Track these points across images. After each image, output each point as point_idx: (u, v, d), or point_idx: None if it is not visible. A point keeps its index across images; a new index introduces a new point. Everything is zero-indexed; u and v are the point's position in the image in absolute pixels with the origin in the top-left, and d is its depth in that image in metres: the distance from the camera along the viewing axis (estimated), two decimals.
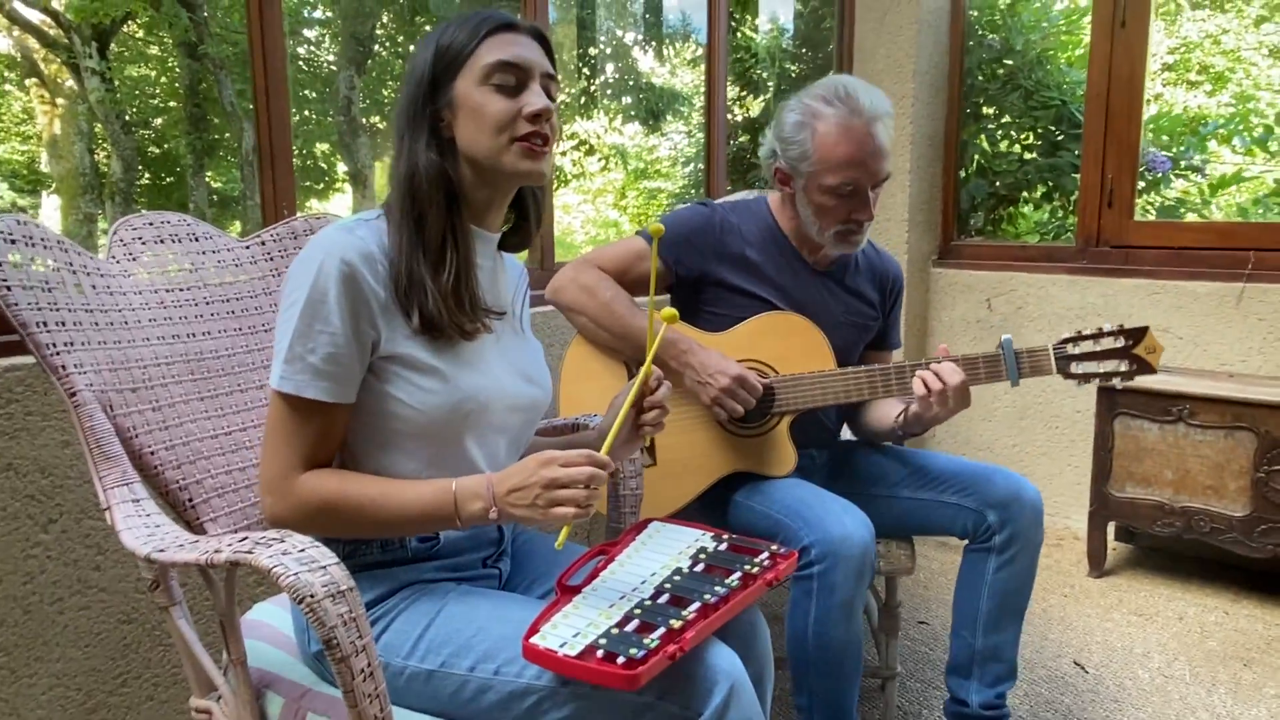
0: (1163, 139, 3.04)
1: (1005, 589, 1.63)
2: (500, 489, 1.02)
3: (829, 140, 1.56)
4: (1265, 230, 2.64)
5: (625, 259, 1.70)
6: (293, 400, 1.03)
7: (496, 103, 1.06)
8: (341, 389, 1.04)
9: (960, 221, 3.25)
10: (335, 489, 1.04)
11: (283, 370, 1.03)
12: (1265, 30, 6.36)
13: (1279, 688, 1.98)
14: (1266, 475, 2.27)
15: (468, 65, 1.07)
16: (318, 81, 7.95)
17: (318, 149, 8.23)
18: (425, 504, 1.04)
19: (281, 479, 1.04)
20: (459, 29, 1.08)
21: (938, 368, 1.52)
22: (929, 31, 3.00)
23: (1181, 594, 2.47)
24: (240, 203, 7.26)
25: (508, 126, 1.07)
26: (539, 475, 1.00)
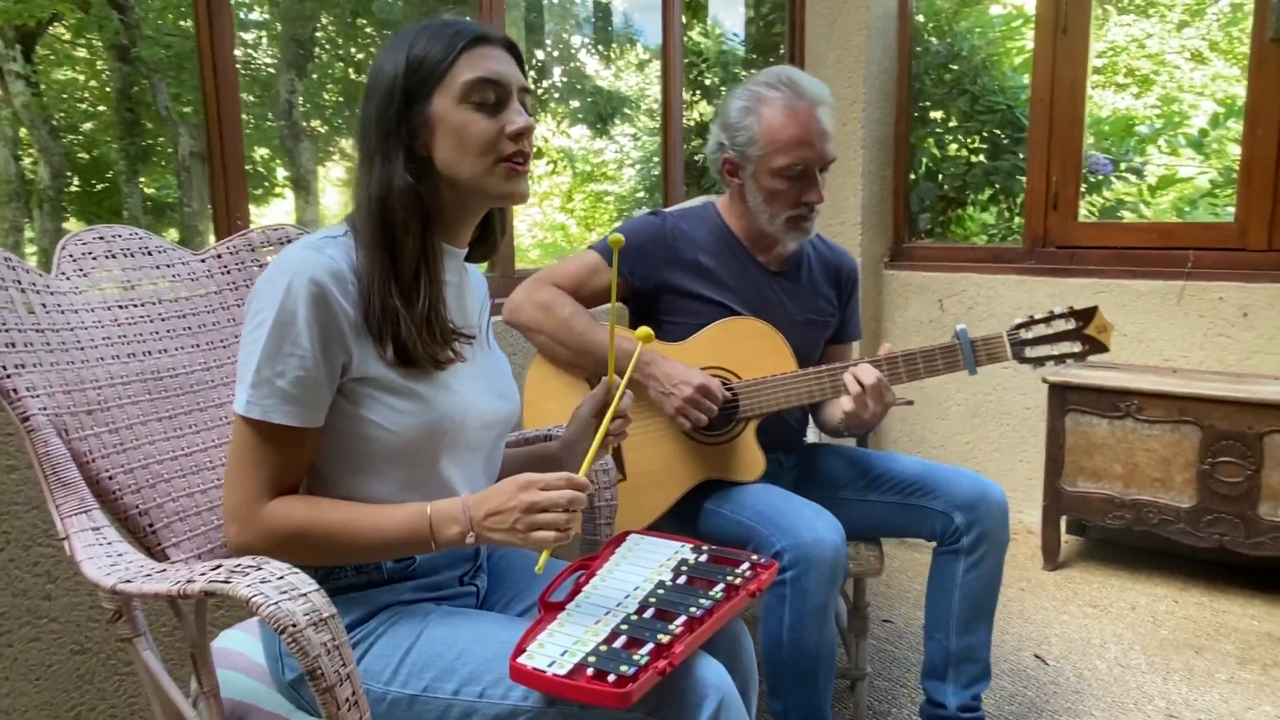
0: (1103, 142, 3.13)
1: (976, 590, 1.65)
2: (477, 513, 1.00)
3: (776, 122, 1.59)
4: (1203, 230, 2.74)
5: (580, 274, 1.69)
6: (260, 425, 0.99)
7: (479, 123, 1.04)
8: (311, 413, 1.01)
9: (910, 224, 3.31)
10: (305, 516, 1.00)
11: (249, 395, 0.99)
12: (1186, 34, 6.59)
13: (1230, 673, 2.05)
14: (1211, 467, 2.35)
15: (445, 82, 1.03)
16: (256, 85, 7.75)
17: (257, 154, 8.03)
18: (399, 530, 1.01)
19: (248, 507, 1.00)
20: (431, 41, 1.04)
21: (855, 369, 1.54)
22: (877, 37, 3.05)
23: (1132, 584, 2.54)
24: (176, 209, 7.05)
25: (492, 148, 1.04)
26: (518, 499, 0.98)
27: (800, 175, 1.61)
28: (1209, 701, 1.94)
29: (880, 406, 1.52)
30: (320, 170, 6.33)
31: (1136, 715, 1.90)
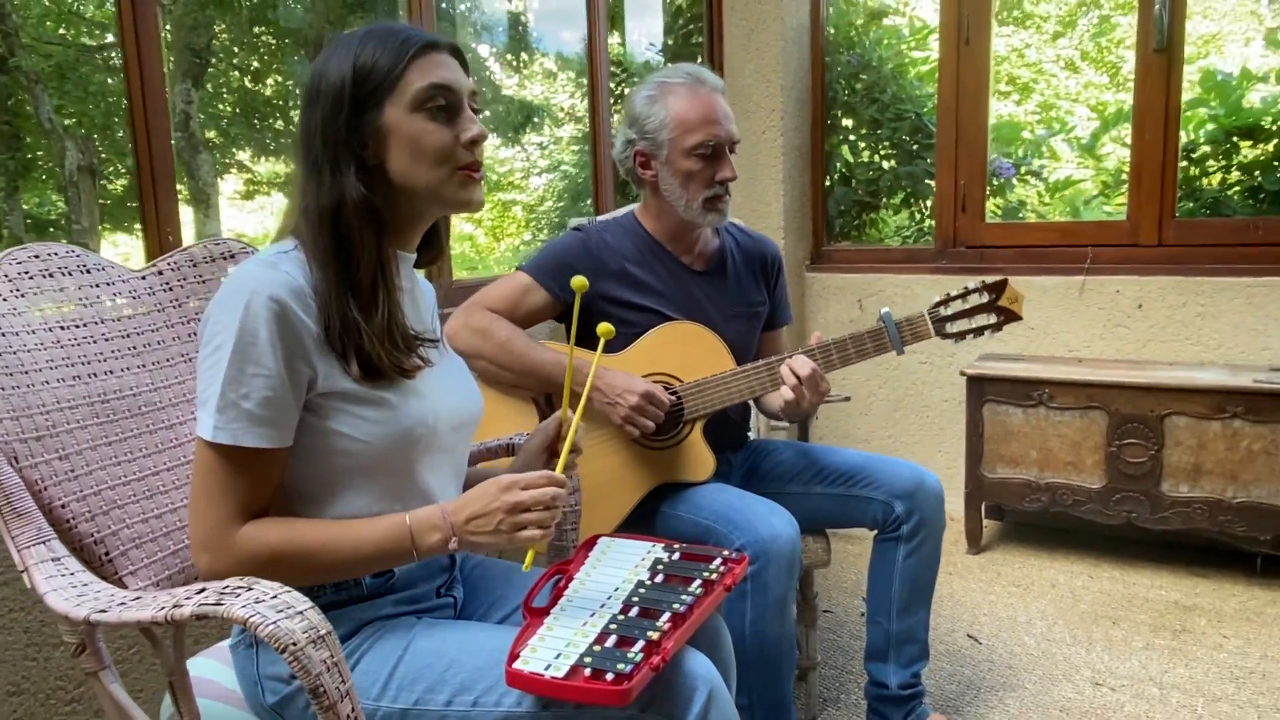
0: (1004, 147, 3.30)
1: (915, 575, 1.73)
2: (458, 518, 1.00)
3: (683, 105, 1.67)
4: (1099, 228, 2.93)
5: (513, 295, 1.71)
6: (228, 450, 0.97)
7: (435, 132, 1.03)
8: (280, 433, 0.99)
9: (829, 227, 3.43)
10: (281, 538, 0.98)
11: (216, 420, 0.96)
12: (1060, 45, 6.99)
13: (1145, 640, 2.20)
14: (1118, 449, 2.51)
15: (397, 90, 1.02)
16: None
17: None
18: (379, 542, 1.00)
19: (219, 535, 0.97)
20: (379, 48, 1.02)
21: (790, 361, 1.60)
22: (793, 48, 3.15)
23: (1050, 563, 2.69)
24: (63, 227, 6.68)
25: (449, 157, 1.04)
26: (501, 500, 0.99)
27: (712, 153, 1.68)
28: (1130, 668, 2.08)
29: (816, 395, 1.59)
30: (220, 183, 6.09)
31: (1066, 685, 2.01)
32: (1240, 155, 2.87)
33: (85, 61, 6.54)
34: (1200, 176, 2.91)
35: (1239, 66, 2.93)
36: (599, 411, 1.62)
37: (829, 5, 3.29)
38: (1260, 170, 2.83)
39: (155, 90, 1.64)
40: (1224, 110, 2.85)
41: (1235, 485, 2.39)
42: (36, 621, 1.46)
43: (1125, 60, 7.18)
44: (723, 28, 3.17)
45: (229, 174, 7.53)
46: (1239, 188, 2.88)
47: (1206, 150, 2.89)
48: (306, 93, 1.05)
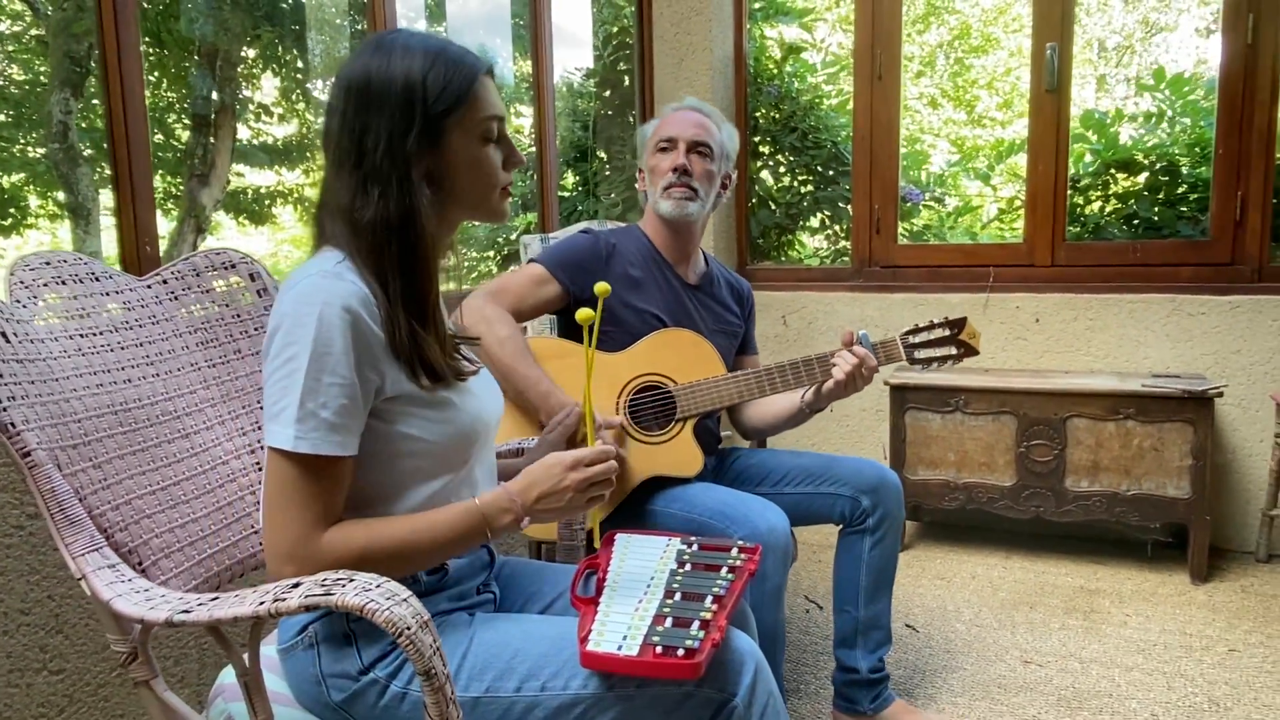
0: (910, 174, 3.56)
1: (879, 564, 1.87)
2: (527, 497, 1.07)
3: (661, 119, 1.90)
4: (1000, 250, 3.20)
5: (526, 285, 1.78)
6: (308, 460, 0.98)
7: (493, 157, 1.10)
8: (354, 440, 1.02)
9: (752, 247, 3.59)
10: (366, 539, 1.00)
11: (296, 430, 0.97)
12: (923, 83, 7.52)
13: (1061, 622, 2.42)
14: (1027, 449, 2.76)
15: (467, 117, 1.06)
16: (6, 104, 6.90)
17: (6, 180, 7.12)
18: (457, 529, 1.04)
19: (304, 545, 0.98)
20: (450, 70, 1.05)
21: (856, 350, 1.72)
22: (720, 77, 3.31)
23: (968, 557, 2.91)
24: None
25: (498, 179, 1.11)
26: (569, 479, 1.08)
27: (666, 148, 1.85)
28: (1051, 646, 2.28)
29: (864, 384, 1.73)
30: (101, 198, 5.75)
31: (999, 664, 2.20)
32: (1116, 185, 3.20)
33: None
34: (1084, 204, 3.23)
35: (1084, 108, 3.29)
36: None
37: (749, 38, 3.48)
38: (1134, 200, 3.17)
39: (135, 98, 1.61)
40: (1102, 145, 3.18)
41: (1129, 479, 2.67)
42: (19, 646, 1.39)
43: (980, 99, 7.81)
44: (653, 56, 3.30)
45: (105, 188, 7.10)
46: (1115, 215, 3.21)
47: (1088, 180, 3.21)
48: (358, 97, 1.03)
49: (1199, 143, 3.08)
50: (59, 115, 5.85)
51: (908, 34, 3.24)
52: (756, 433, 1.99)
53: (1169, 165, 3.12)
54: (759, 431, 1.99)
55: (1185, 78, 3.17)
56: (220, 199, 4.51)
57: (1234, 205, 2.85)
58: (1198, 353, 2.87)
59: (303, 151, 5.11)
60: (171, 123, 4.43)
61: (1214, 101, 2.90)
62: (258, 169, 4.93)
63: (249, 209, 4.95)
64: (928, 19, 6.73)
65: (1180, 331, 2.88)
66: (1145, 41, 6.91)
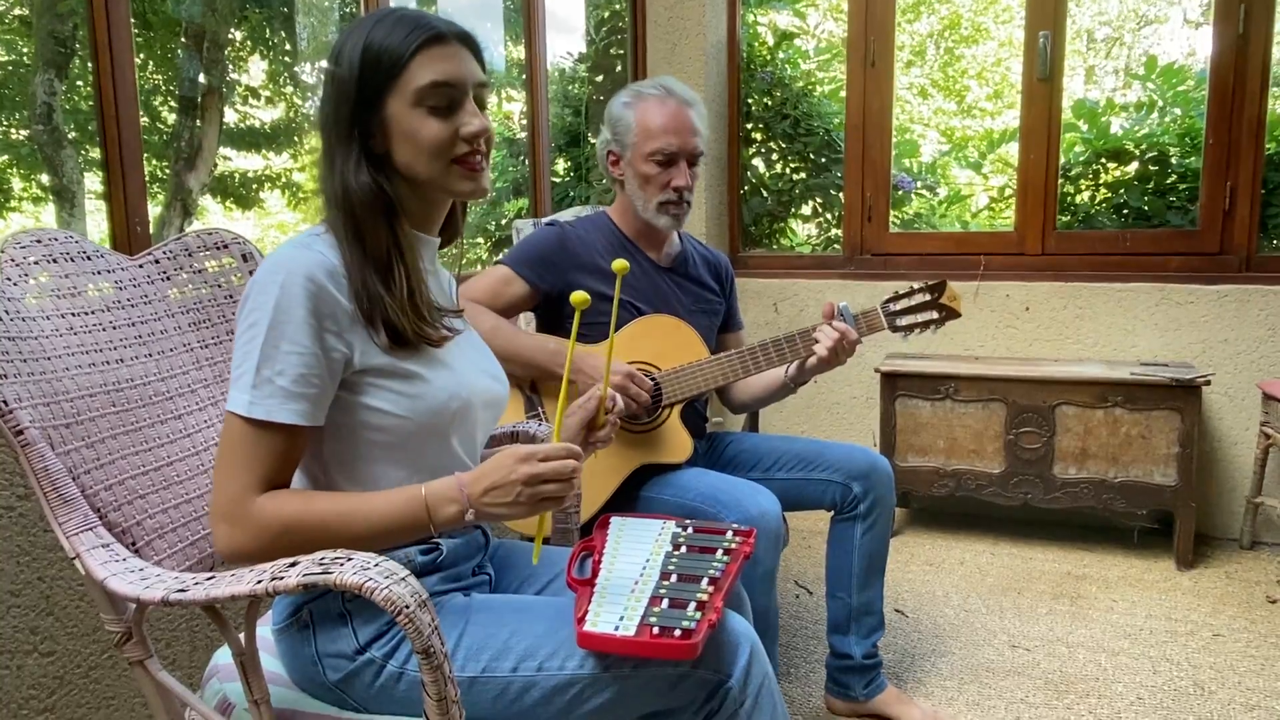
0: (901, 162, 3.57)
1: (871, 550, 1.88)
2: (475, 489, 1.00)
3: (649, 113, 1.79)
4: (990, 238, 3.21)
5: (494, 286, 1.77)
6: (260, 425, 0.98)
7: (431, 127, 1.05)
8: (314, 410, 1.01)
9: (744, 235, 3.59)
10: (297, 508, 0.98)
11: (251, 395, 0.97)
12: (913, 73, 7.53)
13: (1048, 607, 2.45)
14: (1015, 437, 2.78)
15: (399, 84, 1.04)
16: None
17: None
18: (395, 515, 1.00)
19: (236, 504, 0.97)
20: (388, 36, 1.03)
21: (837, 325, 1.73)
22: (713, 64, 3.30)
23: (956, 543, 2.93)
24: None
25: (446, 151, 1.06)
26: (519, 472, 0.99)
27: (668, 161, 1.78)
28: (1039, 631, 2.30)
29: (846, 356, 1.74)
30: (87, 180, 5.69)
31: (988, 649, 2.22)
32: (1107, 175, 3.22)
33: None
34: (1075, 193, 3.24)
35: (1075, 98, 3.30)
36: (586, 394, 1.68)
37: (743, 24, 3.47)
38: (1124, 189, 3.18)
39: (125, 78, 1.59)
40: (1093, 134, 3.19)
41: (1116, 466, 2.69)
42: (9, 628, 1.39)
43: (970, 89, 7.82)
44: (646, 41, 3.28)
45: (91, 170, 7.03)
46: (1106, 204, 3.23)
47: (1079, 170, 3.22)
48: (325, 76, 1.07)
49: (1189, 133, 3.10)
50: (43, 97, 5.78)
51: (898, 23, 3.23)
52: (743, 407, 2.00)
53: (1159, 155, 3.13)
54: (745, 406, 1.99)
55: (1176, 68, 3.18)
56: (207, 183, 4.46)
57: (1223, 195, 2.86)
58: (1186, 341, 2.89)
59: (290, 135, 5.06)
60: (158, 105, 4.37)
61: (1204, 92, 2.91)
62: (245, 153, 4.88)
63: (236, 193, 4.90)
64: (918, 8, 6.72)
65: (1168, 320, 2.90)
66: (1135, 33, 6.94)
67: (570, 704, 1.04)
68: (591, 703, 1.05)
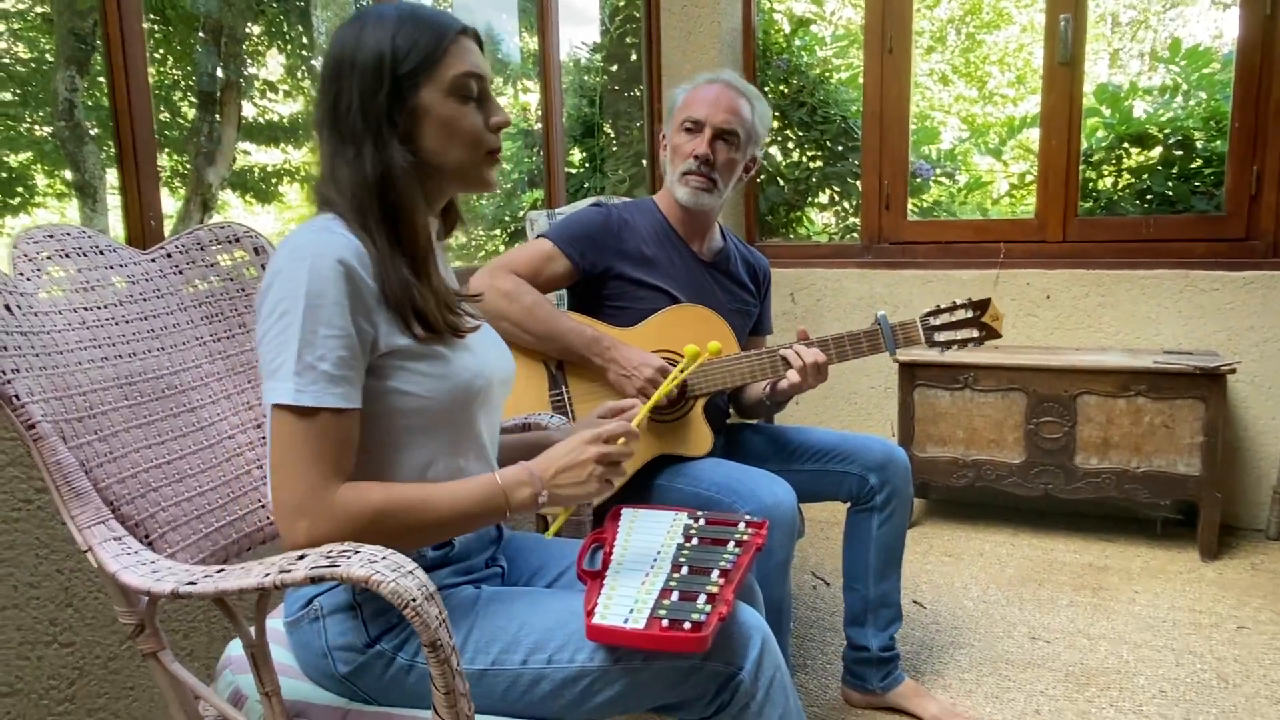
0: (920, 150, 3.53)
1: (888, 542, 1.86)
2: (546, 472, 1.06)
3: (693, 90, 1.82)
4: (1011, 225, 3.17)
5: (536, 261, 1.75)
6: (312, 413, 0.97)
7: (470, 116, 1.08)
8: (356, 393, 1.01)
9: (760, 224, 3.57)
10: (382, 497, 0.99)
11: (296, 384, 0.96)
12: (934, 59, 7.45)
13: (1069, 599, 2.42)
14: (1036, 426, 2.74)
15: (436, 74, 1.06)
16: (13, 82, 6.86)
17: (13, 159, 7.08)
18: (475, 500, 1.03)
19: (315, 498, 0.96)
20: (417, 31, 1.05)
21: (799, 349, 1.70)
22: (728, 50, 3.28)
23: (975, 534, 2.91)
24: None
25: (480, 140, 1.09)
26: (589, 451, 1.06)
27: (694, 130, 1.78)
28: (1059, 622, 2.28)
29: (818, 381, 1.69)
30: (109, 175, 5.75)
31: (1007, 640, 2.20)
32: (1130, 160, 3.16)
33: None
34: (1097, 179, 3.19)
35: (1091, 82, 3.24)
36: (613, 383, 1.68)
37: (758, 11, 3.44)
38: (1147, 174, 3.13)
39: (138, 73, 1.60)
40: (1116, 119, 3.14)
41: (1139, 456, 2.65)
42: (30, 619, 1.40)
43: (992, 75, 7.71)
44: (660, 30, 3.26)
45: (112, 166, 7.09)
46: (1129, 190, 3.17)
47: (1101, 155, 3.17)
48: (333, 66, 1.06)
49: (1214, 116, 3.04)
50: (64, 93, 5.84)
51: (918, 8, 3.19)
52: (749, 412, 1.97)
53: (1183, 139, 3.08)
54: (745, 413, 1.97)
55: (1201, 50, 3.12)
56: (226, 177, 4.49)
57: (1249, 180, 2.81)
58: (1210, 329, 2.84)
59: (309, 129, 5.08)
60: (178, 100, 4.40)
61: (1230, 75, 2.85)
62: (264, 147, 4.91)
63: (255, 187, 4.93)
64: None
65: (1193, 308, 2.85)
66: (1161, 15, 6.81)
67: (581, 696, 1.04)
68: (602, 695, 1.04)
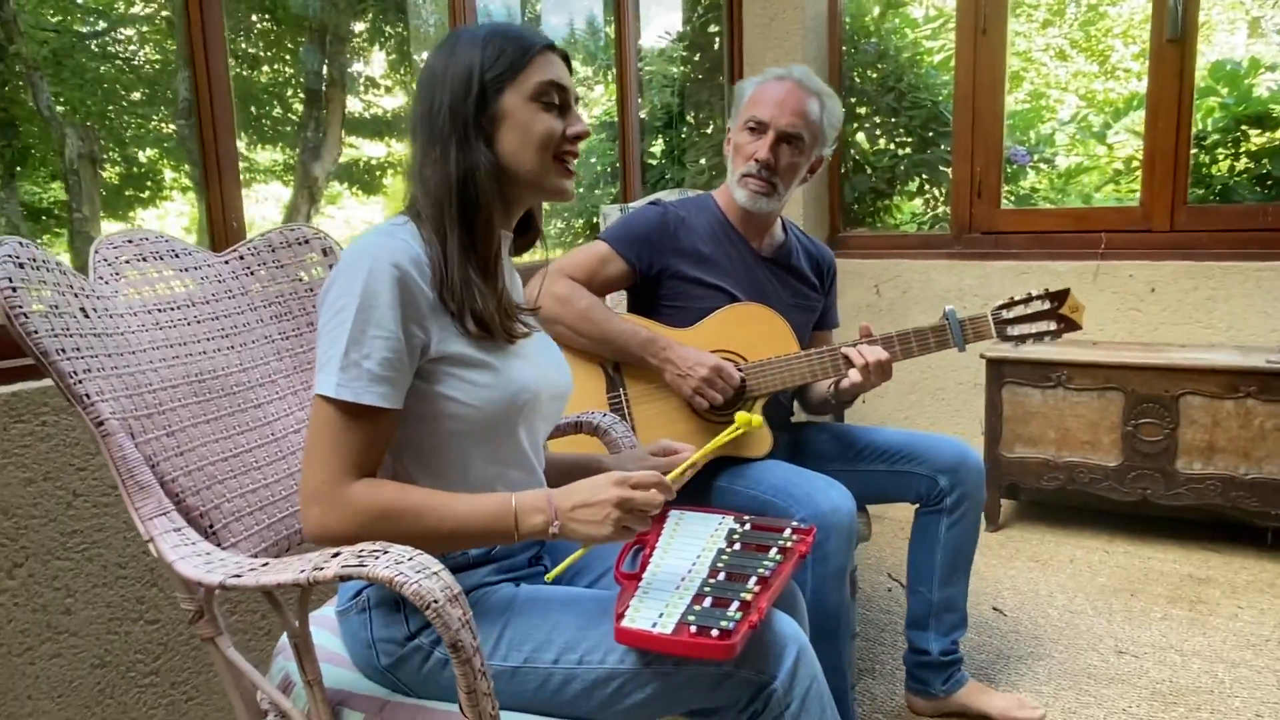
0: (1016, 134, 3.37)
1: (956, 546, 1.80)
2: (564, 504, 1.04)
3: (758, 87, 1.78)
4: (1113, 214, 3.00)
5: (591, 264, 1.76)
6: (348, 407, 1.01)
7: (546, 120, 1.11)
8: (397, 393, 1.04)
9: (845, 214, 3.48)
10: (394, 497, 1.02)
11: (339, 378, 1.01)
12: (1050, 34, 7.06)
13: (1163, 611, 2.29)
14: (1134, 428, 2.59)
15: (519, 80, 1.09)
16: (141, 82, 7.32)
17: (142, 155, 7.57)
18: (485, 516, 1.04)
19: (331, 487, 1.01)
20: (505, 43, 1.10)
21: (861, 348, 1.66)
22: (812, 37, 3.20)
23: (1067, 539, 2.78)
24: (61, 215, 6.63)
25: (552, 144, 1.12)
26: (611, 493, 1.02)
27: (756, 131, 1.74)
28: (1150, 637, 2.16)
29: (881, 380, 1.65)
30: None
31: (1091, 654, 2.09)
32: (1249, 143, 2.94)
33: (81, 49, 6.44)
34: (1210, 164, 2.98)
35: (1224, 55, 3.01)
36: (669, 383, 1.68)
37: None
38: (1268, 158, 2.90)
39: (220, 76, 1.68)
40: (1234, 99, 2.92)
41: (1248, 462, 2.47)
42: (119, 597, 1.51)
43: (1114, 49, 7.27)
44: (742, 16, 3.21)
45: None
46: (1247, 175, 2.95)
47: (1216, 138, 2.96)
48: (430, 78, 1.11)
49: None
50: (185, 93, 6.18)
51: None
52: (816, 410, 1.92)
53: None
54: (818, 409, 1.92)
55: None
56: (332, 170, 4.68)
57: None
58: None
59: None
60: (290, 97, 4.61)
61: None
62: (369, 140, 5.09)
63: (361, 179, 5.12)
64: None
65: None
66: None
67: (611, 698, 1.05)
68: (633, 697, 1.05)
